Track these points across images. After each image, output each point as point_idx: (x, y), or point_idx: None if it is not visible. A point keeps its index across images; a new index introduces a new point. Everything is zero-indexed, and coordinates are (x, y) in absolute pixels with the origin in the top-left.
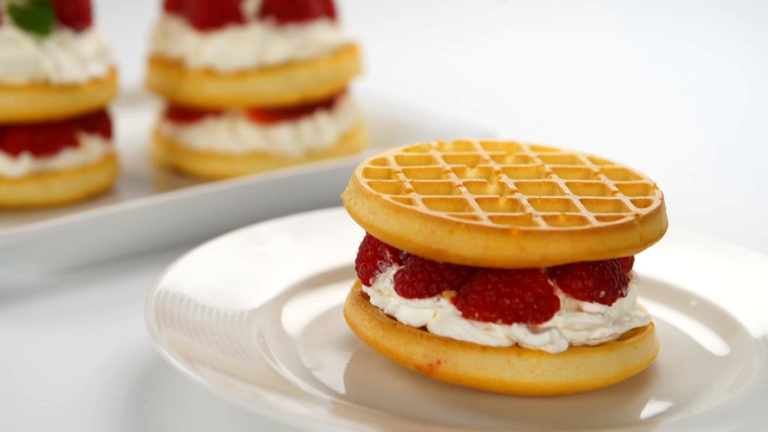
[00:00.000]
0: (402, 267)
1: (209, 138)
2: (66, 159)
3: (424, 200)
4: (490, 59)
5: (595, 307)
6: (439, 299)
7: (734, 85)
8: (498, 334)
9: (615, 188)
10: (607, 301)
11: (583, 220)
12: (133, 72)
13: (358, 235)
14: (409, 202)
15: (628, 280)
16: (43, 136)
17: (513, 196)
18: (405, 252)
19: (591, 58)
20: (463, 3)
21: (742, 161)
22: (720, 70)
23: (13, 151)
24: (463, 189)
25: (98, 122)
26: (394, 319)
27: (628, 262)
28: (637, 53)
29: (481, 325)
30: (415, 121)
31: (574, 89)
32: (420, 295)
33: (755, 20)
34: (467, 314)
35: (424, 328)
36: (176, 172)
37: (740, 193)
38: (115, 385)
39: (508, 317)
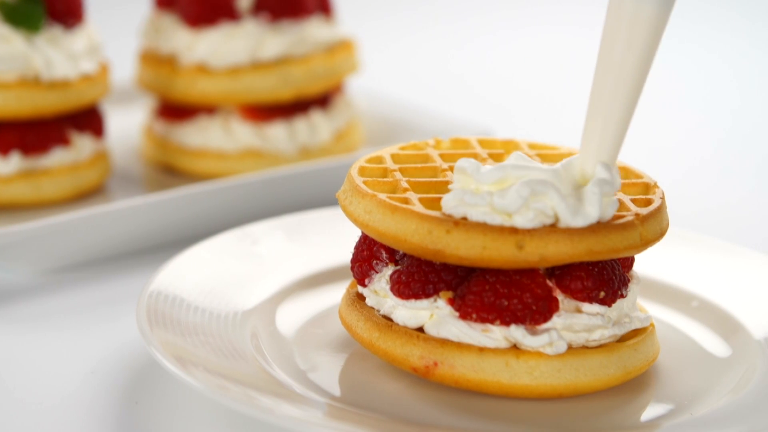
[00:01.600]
0: (398, 267)
1: (202, 136)
2: (56, 157)
3: (420, 199)
4: (489, 56)
5: (595, 308)
6: (435, 300)
7: (736, 83)
8: (496, 335)
9: None
10: (607, 301)
11: None
12: (124, 69)
13: (354, 234)
14: (406, 201)
15: (628, 280)
16: (33, 134)
17: None
18: (401, 252)
19: (590, 56)
20: (461, 0)
21: (745, 160)
22: (721, 68)
23: (3, 150)
24: None
25: (89, 120)
26: (390, 320)
27: (628, 262)
28: None
29: (479, 326)
30: (412, 118)
31: (574, 87)
32: (416, 296)
33: (755, 17)
34: (464, 315)
35: (420, 329)
36: (169, 171)
37: (743, 192)
38: (106, 388)
39: (506, 318)
